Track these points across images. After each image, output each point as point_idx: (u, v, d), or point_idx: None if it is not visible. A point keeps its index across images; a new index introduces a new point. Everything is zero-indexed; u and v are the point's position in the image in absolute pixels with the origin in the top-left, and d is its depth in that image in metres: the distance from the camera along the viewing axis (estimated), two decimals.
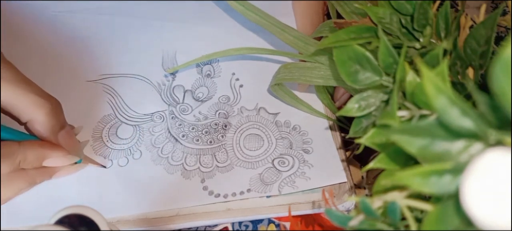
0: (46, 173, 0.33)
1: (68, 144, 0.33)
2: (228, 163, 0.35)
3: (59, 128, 0.33)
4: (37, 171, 0.32)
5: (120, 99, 0.39)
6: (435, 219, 0.21)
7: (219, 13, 0.44)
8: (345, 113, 0.30)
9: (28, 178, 0.32)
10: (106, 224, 0.22)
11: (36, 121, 0.31)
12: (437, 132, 0.21)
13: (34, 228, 0.21)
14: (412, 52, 0.31)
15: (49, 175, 0.33)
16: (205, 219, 0.33)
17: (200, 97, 0.39)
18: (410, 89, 0.26)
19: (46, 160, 0.32)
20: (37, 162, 0.32)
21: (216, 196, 0.34)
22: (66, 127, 0.33)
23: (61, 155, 0.33)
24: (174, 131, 0.37)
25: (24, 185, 0.32)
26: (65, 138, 0.33)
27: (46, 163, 0.32)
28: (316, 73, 0.36)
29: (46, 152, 0.32)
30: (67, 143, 0.33)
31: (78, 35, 0.42)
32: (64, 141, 0.33)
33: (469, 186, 0.18)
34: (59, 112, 0.33)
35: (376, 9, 0.32)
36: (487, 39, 0.27)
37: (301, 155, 0.36)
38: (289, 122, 0.38)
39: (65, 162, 0.33)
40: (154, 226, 0.32)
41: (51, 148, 0.32)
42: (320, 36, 0.37)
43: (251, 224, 0.34)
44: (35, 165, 0.32)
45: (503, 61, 0.17)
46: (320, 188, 0.34)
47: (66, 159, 0.33)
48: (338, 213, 0.25)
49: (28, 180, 0.32)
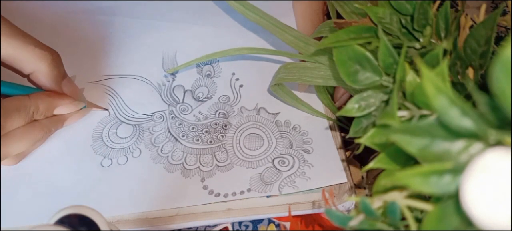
0: (59, 121, 0.35)
1: (72, 92, 0.35)
2: (228, 163, 0.35)
3: (61, 77, 0.34)
4: (50, 120, 0.34)
5: (120, 100, 0.39)
6: (435, 219, 0.21)
7: (219, 13, 0.44)
8: (345, 113, 0.30)
9: (44, 127, 0.34)
10: (106, 224, 0.22)
11: (40, 71, 0.33)
12: (437, 132, 0.21)
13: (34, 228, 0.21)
14: (412, 52, 0.31)
15: (61, 122, 0.35)
16: (205, 219, 0.33)
17: (200, 97, 0.39)
18: (410, 89, 0.26)
19: (56, 108, 0.34)
20: (48, 112, 0.34)
21: (216, 196, 0.34)
22: (66, 77, 0.35)
23: (69, 102, 0.35)
24: (174, 130, 0.37)
25: (40, 134, 0.33)
26: (68, 86, 0.35)
27: (57, 111, 0.34)
28: (316, 73, 0.36)
29: (55, 101, 0.34)
30: (71, 91, 0.35)
31: (79, 36, 0.42)
32: (68, 89, 0.35)
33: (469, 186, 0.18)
34: (60, 63, 0.34)
35: (376, 9, 0.32)
36: (487, 39, 0.27)
37: (301, 155, 0.36)
38: (289, 122, 0.38)
39: (73, 109, 0.35)
40: (154, 226, 0.32)
41: (59, 97, 0.34)
42: (320, 36, 0.37)
43: (251, 224, 0.34)
44: (47, 114, 0.34)
45: (503, 61, 0.17)
46: (320, 188, 0.34)
47: (73, 106, 0.35)
48: (338, 213, 0.25)
49: (43, 129, 0.34)
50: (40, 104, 0.33)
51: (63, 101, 0.34)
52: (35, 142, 0.34)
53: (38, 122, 0.33)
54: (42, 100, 0.33)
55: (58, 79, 0.34)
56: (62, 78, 0.34)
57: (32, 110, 0.32)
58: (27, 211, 0.32)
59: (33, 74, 0.33)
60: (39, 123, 0.33)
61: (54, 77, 0.34)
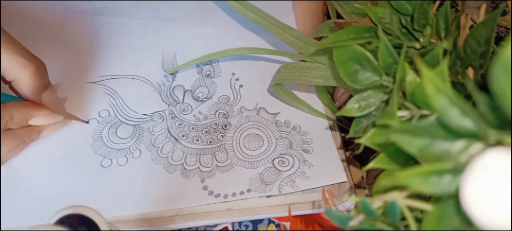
0: (34, 132, 0.34)
1: (52, 103, 0.34)
2: (228, 163, 0.35)
3: (43, 88, 0.34)
4: (25, 130, 0.33)
5: (120, 100, 0.39)
6: (435, 219, 0.21)
7: (219, 13, 0.44)
8: (345, 113, 0.30)
9: (17, 137, 0.33)
10: (106, 224, 0.22)
11: (21, 80, 0.32)
12: (437, 132, 0.21)
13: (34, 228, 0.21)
14: (412, 52, 0.31)
15: (37, 134, 0.34)
16: (205, 219, 0.33)
17: (200, 97, 0.39)
18: (410, 89, 0.26)
19: (31, 119, 0.33)
20: (23, 121, 0.33)
21: (216, 196, 0.34)
22: (49, 87, 0.34)
23: (46, 113, 0.34)
24: (174, 131, 0.37)
25: (13, 144, 0.33)
26: (48, 98, 0.34)
27: (32, 122, 0.33)
28: (316, 73, 0.36)
29: (31, 111, 0.33)
30: (51, 103, 0.34)
31: (79, 36, 0.42)
32: (48, 100, 0.34)
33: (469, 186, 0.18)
34: (43, 73, 0.34)
35: (376, 9, 0.32)
36: (487, 39, 0.27)
37: (301, 155, 0.36)
38: (289, 122, 0.38)
39: (50, 121, 0.34)
40: (154, 226, 0.32)
41: (35, 107, 0.33)
42: (320, 36, 0.37)
43: (251, 224, 0.34)
44: (21, 124, 0.33)
45: (503, 61, 0.17)
46: (320, 187, 0.34)
47: (51, 117, 0.34)
48: (338, 213, 0.25)
49: (17, 139, 0.33)
50: (14, 113, 0.32)
51: (39, 112, 0.33)
52: (8, 152, 0.33)
53: (12, 131, 0.33)
54: (17, 109, 0.32)
55: (39, 89, 0.33)
56: (44, 89, 0.34)
57: (6, 119, 0.31)
58: (27, 211, 0.32)
59: (14, 82, 0.32)
60: (13, 132, 0.33)
61: (35, 87, 0.33)
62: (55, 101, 0.35)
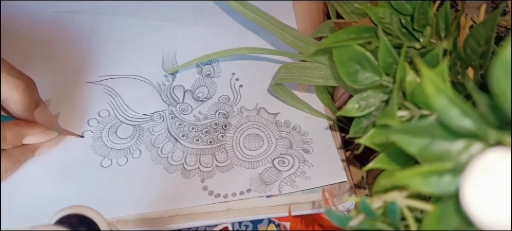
0: (28, 151, 0.34)
1: (45, 120, 0.33)
2: (228, 163, 0.35)
3: (34, 106, 0.33)
4: (19, 150, 0.33)
5: (120, 100, 0.39)
6: (435, 219, 0.21)
7: (219, 13, 0.44)
8: (345, 113, 0.30)
9: (11, 157, 0.32)
10: (106, 224, 0.22)
11: (11, 99, 0.31)
12: (437, 132, 0.21)
13: (34, 228, 0.21)
14: (412, 52, 0.31)
15: (31, 152, 0.34)
16: (205, 219, 0.33)
17: (200, 97, 0.39)
18: (410, 89, 0.26)
19: (25, 138, 0.33)
20: (17, 141, 0.32)
21: (216, 196, 0.34)
22: (41, 104, 0.34)
23: (39, 131, 0.33)
24: (174, 131, 0.37)
25: (8, 164, 0.32)
26: (41, 115, 0.33)
27: (25, 141, 0.33)
28: (316, 73, 0.36)
29: (24, 130, 0.32)
30: (44, 120, 0.33)
31: (78, 36, 0.42)
32: (41, 117, 0.33)
33: (469, 186, 0.18)
34: (33, 90, 0.33)
35: (376, 9, 0.32)
36: (487, 39, 0.27)
37: (301, 154, 0.36)
38: (289, 122, 0.38)
39: (44, 138, 0.34)
40: (154, 226, 0.32)
41: (28, 125, 0.33)
42: (320, 36, 0.37)
43: (251, 224, 0.34)
44: (15, 144, 0.32)
45: (503, 61, 0.17)
46: (320, 187, 0.34)
47: (45, 135, 0.33)
48: (338, 213, 0.25)
49: (11, 159, 0.32)
50: (7, 133, 0.31)
51: (33, 130, 0.33)
52: (4, 172, 0.32)
53: (6, 151, 0.32)
54: (10, 129, 0.31)
55: (30, 107, 0.32)
56: (35, 106, 0.33)
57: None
58: (27, 211, 0.32)
59: (4, 101, 0.31)
60: (7, 152, 0.32)
61: (26, 105, 0.32)
62: (48, 118, 0.34)
